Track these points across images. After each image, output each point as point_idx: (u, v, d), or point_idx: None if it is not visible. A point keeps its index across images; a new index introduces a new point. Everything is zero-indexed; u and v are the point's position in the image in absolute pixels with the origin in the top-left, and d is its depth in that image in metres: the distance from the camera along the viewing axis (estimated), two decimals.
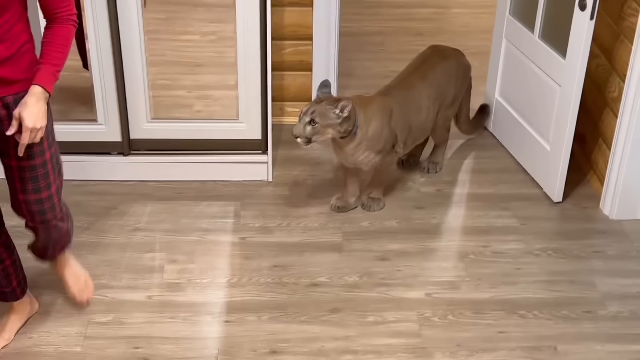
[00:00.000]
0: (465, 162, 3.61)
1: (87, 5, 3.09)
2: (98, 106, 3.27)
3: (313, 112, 2.93)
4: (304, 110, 2.96)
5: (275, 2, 3.53)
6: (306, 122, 2.93)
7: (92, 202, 3.25)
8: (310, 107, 2.95)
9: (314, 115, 2.93)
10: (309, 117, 2.94)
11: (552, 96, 3.22)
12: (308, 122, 2.94)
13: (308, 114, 2.94)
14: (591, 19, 2.93)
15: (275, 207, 3.26)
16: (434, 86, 3.26)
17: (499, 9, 3.59)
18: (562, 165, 3.22)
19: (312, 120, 2.93)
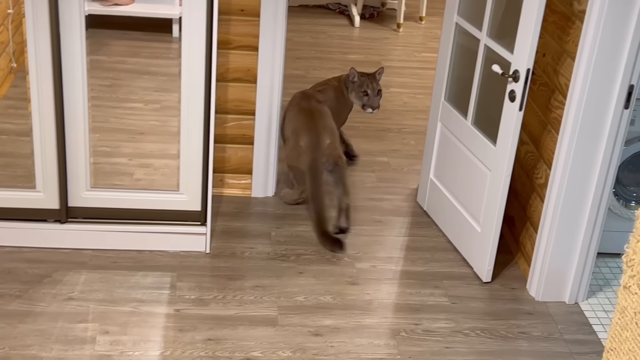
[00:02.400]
0: (400, 239, 3.70)
1: (32, 69, 3.11)
2: (37, 173, 3.26)
3: (379, 84, 3.89)
4: (372, 86, 3.87)
5: (219, 77, 3.62)
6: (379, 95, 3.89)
7: (25, 269, 3.21)
8: (373, 82, 3.88)
9: (379, 86, 3.89)
10: (378, 88, 3.88)
11: (483, 180, 3.36)
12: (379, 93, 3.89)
13: (377, 88, 3.88)
14: (520, 109, 3.09)
15: (212, 279, 3.28)
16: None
17: (434, 93, 3.75)
18: (491, 247, 3.34)
19: (379, 90, 3.90)
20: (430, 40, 6.14)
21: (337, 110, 3.97)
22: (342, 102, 4.00)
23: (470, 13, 3.44)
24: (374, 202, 3.98)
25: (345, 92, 3.98)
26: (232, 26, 3.56)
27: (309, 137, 3.64)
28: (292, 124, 3.76)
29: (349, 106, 4.05)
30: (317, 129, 3.66)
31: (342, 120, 4.10)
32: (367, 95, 3.91)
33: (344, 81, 3.99)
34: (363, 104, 3.93)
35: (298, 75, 5.27)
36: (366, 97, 3.91)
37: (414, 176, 4.20)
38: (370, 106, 3.91)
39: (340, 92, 3.99)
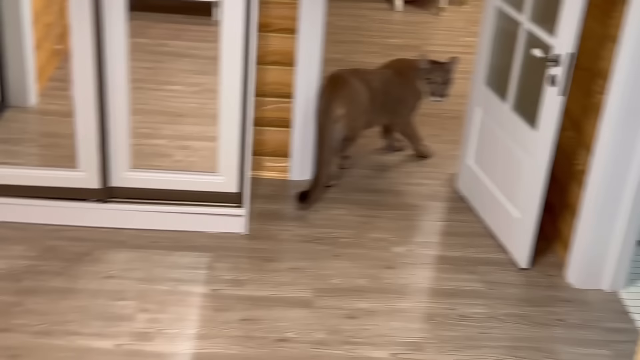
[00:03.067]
0: (437, 224, 3.69)
1: (75, 51, 3.16)
2: (79, 153, 3.32)
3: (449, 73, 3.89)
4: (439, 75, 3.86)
5: (258, 60, 3.64)
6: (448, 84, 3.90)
7: (67, 247, 3.28)
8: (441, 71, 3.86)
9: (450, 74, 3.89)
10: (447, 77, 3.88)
11: (522, 166, 3.33)
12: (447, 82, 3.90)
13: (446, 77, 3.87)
14: (561, 95, 3.05)
15: (248, 260, 3.32)
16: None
17: (474, 78, 3.72)
18: (530, 233, 3.31)
19: (449, 79, 3.91)
20: (472, 24, 6.07)
21: (395, 94, 3.93)
22: (404, 86, 3.95)
23: None
24: (412, 186, 3.97)
25: (412, 77, 3.94)
26: (272, 9, 3.57)
27: (320, 103, 3.70)
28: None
29: (415, 92, 3.97)
30: (330, 96, 3.68)
31: (407, 105, 4.02)
32: (433, 83, 3.87)
33: (413, 67, 3.95)
34: (430, 92, 3.90)
35: (337, 59, 5.25)
36: (432, 84, 3.87)
37: (453, 161, 4.18)
38: (436, 94, 3.89)
39: (404, 76, 3.95)
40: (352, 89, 3.75)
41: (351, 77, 3.80)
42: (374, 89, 3.84)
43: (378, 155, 4.21)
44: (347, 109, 3.71)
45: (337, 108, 3.68)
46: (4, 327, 2.82)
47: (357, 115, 3.78)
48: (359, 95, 3.77)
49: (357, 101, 3.76)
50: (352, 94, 3.75)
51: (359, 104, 3.77)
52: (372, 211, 3.73)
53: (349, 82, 3.76)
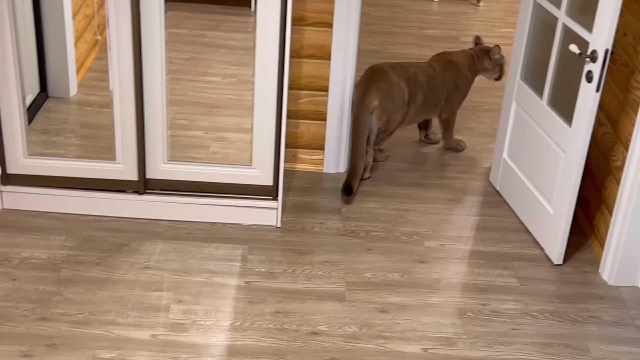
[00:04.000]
0: (470, 218, 3.69)
1: (113, 43, 3.20)
2: (117, 145, 3.38)
3: None
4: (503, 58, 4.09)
5: (294, 53, 3.66)
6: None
7: (105, 238, 3.35)
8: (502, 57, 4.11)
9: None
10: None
11: (556, 161, 3.31)
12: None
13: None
14: (597, 91, 3.02)
15: (282, 253, 3.35)
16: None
17: (510, 72, 3.69)
18: (563, 229, 3.29)
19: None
20: (510, 15, 6.02)
21: (447, 85, 4.01)
22: (458, 76, 4.05)
23: None
24: (446, 180, 3.96)
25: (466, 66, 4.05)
26: (308, 2, 3.58)
27: (357, 93, 3.76)
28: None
29: (468, 81, 4.12)
30: (367, 87, 3.73)
31: (462, 94, 4.11)
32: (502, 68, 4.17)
33: (470, 56, 4.09)
34: (499, 75, 4.17)
35: (374, 50, 5.26)
36: (502, 69, 4.16)
37: (488, 155, 4.16)
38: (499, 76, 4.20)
39: (457, 65, 4.04)
40: (389, 82, 3.78)
41: (391, 70, 3.82)
42: (417, 84, 3.86)
43: (413, 148, 4.21)
44: (381, 101, 3.74)
45: (372, 99, 3.72)
46: (43, 316, 2.90)
47: (392, 109, 3.80)
48: (397, 90, 3.79)
49: (394, 95, 3.78)
50: (389, 87, 3.77)
51: (395, 99, 3.79)
52: (406, 205, 3.74)
53: (387, 75, 3.79)
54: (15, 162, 3.41)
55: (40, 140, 3.63)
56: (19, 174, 3.43)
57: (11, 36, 3.18)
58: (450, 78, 4.01)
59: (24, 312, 2.91)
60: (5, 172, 3.42)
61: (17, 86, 3.27)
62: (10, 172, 3.42)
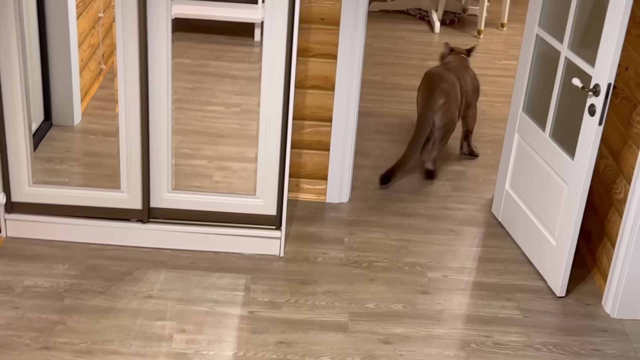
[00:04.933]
0: (473, 249, 3.70)
1: (120, 71, 3.23)
2: (122, 174, 3.39)
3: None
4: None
5: (298, 84, 3.69)
6: None
7: (109, 266, 3.35)
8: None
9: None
10: None
11: (559, 194, 3.33)
12: None
13: None
14: (600, 124, 3.05)
15: (285, 283, 3.35)
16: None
17: (513, 104, 3.73)
18: (566, 262, 3.30)
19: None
20: (511, 47, 6.08)
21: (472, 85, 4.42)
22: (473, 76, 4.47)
23: (552, 24, 3.41)
24: (448, 211, 3.98)
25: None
26: (313, 34, 3.62)
27: (422, 95, 4.18)
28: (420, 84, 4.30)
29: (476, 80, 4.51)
30: (431, 88, 4.13)
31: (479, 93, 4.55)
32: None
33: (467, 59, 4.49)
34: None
35: (376, 81, 5.30)
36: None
37: (490, 186, 4.18)
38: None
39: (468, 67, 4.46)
40: (450, 83, 4.18)
41: (449, 72, 4.25)
42: (463, 85, 4.28)
43: (416, 179, 4.23)
44: (446, 100, 4.13)
45: (438, 98, 4.11)
46: (46, 345, 2.89)
47: (454, 108, 4.19)
48: (456, 90, 4.20)
49: (455, 95, 4.18)
50: (450, 87, 4.16)
51: (456, 97, 4.19)
52: (408, 235, 3.75)
53: (448, 76, 4.21)
54: (20, 190, 3.42)
55: (44, 168, 3.65)
56: (24, 202, 3.44)
57: (19, 65, 3.21)
58: (471, 79, 4.42)
59: (27, 341, 2.90)
60: (10, 200, 3.43)
61: (24, 115, 3.29)
62: (14, 200, 3.43)
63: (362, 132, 4.58)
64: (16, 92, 3.25)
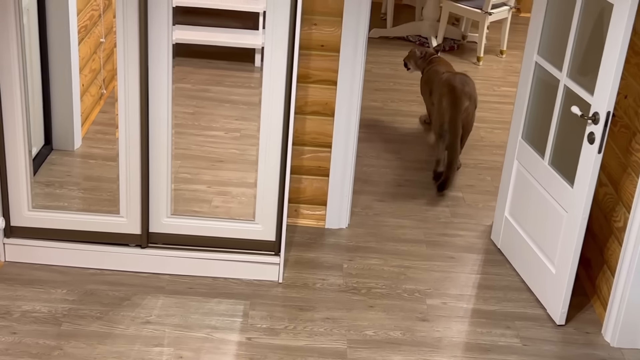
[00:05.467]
0: (472, 276, 3.69)
1: (121, 96, 3.24)
2: (122, 198, 3.39)
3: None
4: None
5: (298, 109, 3.70)
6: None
7: (107, 291, 3.34)
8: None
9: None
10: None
11: (559, 221, 3.33)
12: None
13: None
14: (599, 152, 3.05)
15: (283, 309, 3.34)
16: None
17: (512, 131, 3.74)
18: (566, 290, 3.29)
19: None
20: (510, 74, 6.10)
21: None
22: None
23: (551, 52, 3.43)
24: (447, 237, 3.97)
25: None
26: (312, 61, 3.64)
27: (448, 100, 4.38)
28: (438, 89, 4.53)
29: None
30: (456, 93, 4.37)
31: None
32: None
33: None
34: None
35: (375, 107, 5.32)
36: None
37: (489, 213, 4.18)
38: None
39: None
40: (471, 86, 4.50)
41: (467, 77, 4.56)
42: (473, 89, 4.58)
43: (414, 205, 4.22)
44: (470, 103, 4.42)
45: (464, 101, 4.37)
46: None
47: (474, 111, 4.49)
48: (475, 92, 4.53)
49: (474, 97, 4.50)
50: (472, 91, 4.49)
51: (475, 100, 4.51)
52: (407, 262, 3.74)
53: (469, 80, 4.53)
54: (19, 215, 3.41)
55: (44, 192, 3.65)
56: (23, 227, 3.43)
57: (20, 90, 3.22)
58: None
59: None
60: (9, 225, 3.42)
61: (24, 140, 3.30)
62: (13, 225, 3.43)
63: (362, 157, 4.59)
64: (17, 117, 3.26)
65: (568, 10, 3.26)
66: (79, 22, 3.80)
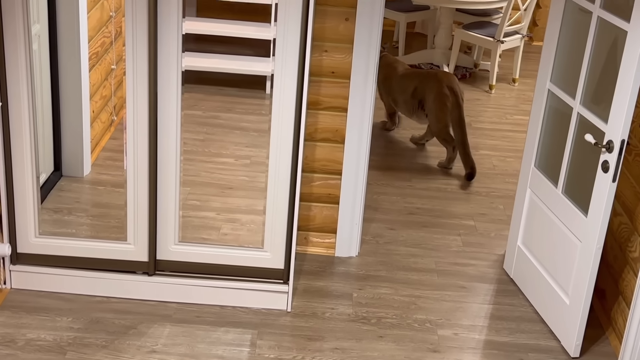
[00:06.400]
0: (485, 307, 3.62)
1: (129, 124, 3.23)
2: (129, 225, 3.36)
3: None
4: None
5: (308, 136, 3.68)
6: None
7: (113, 319, 3.30)
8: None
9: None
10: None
11: (572, 251, 3.27)
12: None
13: None
14: (613, 181, 3.00)
15: (291, 339, 3.28)
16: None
17: (525, 159, 3.69)
18: (580, 321, 3.22)
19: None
20: (522, 102, 6.07)
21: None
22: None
23: (564, 80, 3.39)
24: (459, 267, 3.91)
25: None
26: (323, 87, 3.62)
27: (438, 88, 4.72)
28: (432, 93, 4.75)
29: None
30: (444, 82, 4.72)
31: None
32: None
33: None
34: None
35: (386, 135, 5.29)
36: None
37: (501, 242, 4.12)
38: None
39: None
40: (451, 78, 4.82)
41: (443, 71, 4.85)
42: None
43: (425, 233, 4.17)
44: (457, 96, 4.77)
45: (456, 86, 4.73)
46: None
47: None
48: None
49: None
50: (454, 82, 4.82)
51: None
52: (418, 291, 3.68)
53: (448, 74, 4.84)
54: (26, 241, 3.39)
55: (52, 219, 3.63)
56: (29, 254, 3.41)
57: (29, 116, 3.21)
58: None
59: None
60: (16, 251, 3.40)
61: (32, 167, 3.28)
62: (20, 252, 3.40)
63: (372, 185, 4.55)
64: (25, 143, 3.25)
65: (581, 38, 3.23)
66: (90, 49, 3.81)
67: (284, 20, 3.09)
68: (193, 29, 3.76)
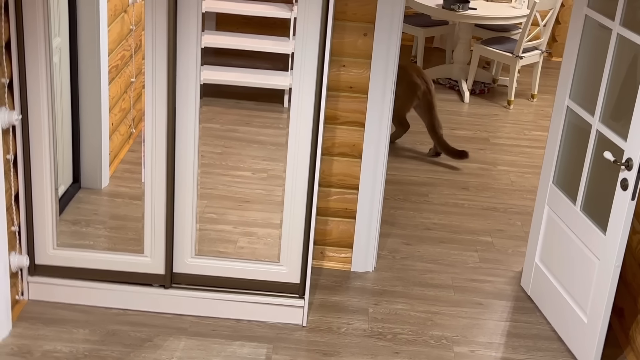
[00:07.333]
0: (501, 324, 3.59)
1: (147, 136, 3.24)
2: (146, 238, 3.37)
3: None
4: None
5: (325, 151, 3.68)
6: None
7: (129, 332, 3.30)
8: None
9: None
10: None
11: (591, 269, 3.24)
12: None
13: None
14: (632, 199, 2.98)
15: (306, 354, 3.27)
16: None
17: (542, 176, 3.67)
18: (598, 340, 3.19)
19: None
20: (541, 118, 6.04)
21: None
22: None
23: (583, 97, 3.38)
24: (476, 283, 3.89)
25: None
26: (340, 102, 3.63)
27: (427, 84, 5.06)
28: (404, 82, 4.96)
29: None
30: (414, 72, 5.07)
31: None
32: None
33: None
34: None
35: (404, 149, 5.28)
36: None
37: (519, 258, 4.10)
38: None
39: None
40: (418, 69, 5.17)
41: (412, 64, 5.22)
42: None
43: (442, 249, 4.16)
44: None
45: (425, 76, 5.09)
46: None
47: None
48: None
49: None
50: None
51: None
52: (434, 307, 3.67)
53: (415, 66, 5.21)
54: (44, 253, 3.41)
55: (70, 230, 3.65)
56: (47, 265, 3.42)
57: (49, 129, 3.24)
58: None
59: None
60: (33, 263, 3.42)
61: (51, 179, 3.31)
62: (38, 263, 3.42)
63: (389, 200, 4.54)
64: (44, 155, 3.27)
65: (600, 55, 3.22)
66: (110, 62, 3.84)
67: (303, 34, 3.10)
68: (212, 42, 3.79)
